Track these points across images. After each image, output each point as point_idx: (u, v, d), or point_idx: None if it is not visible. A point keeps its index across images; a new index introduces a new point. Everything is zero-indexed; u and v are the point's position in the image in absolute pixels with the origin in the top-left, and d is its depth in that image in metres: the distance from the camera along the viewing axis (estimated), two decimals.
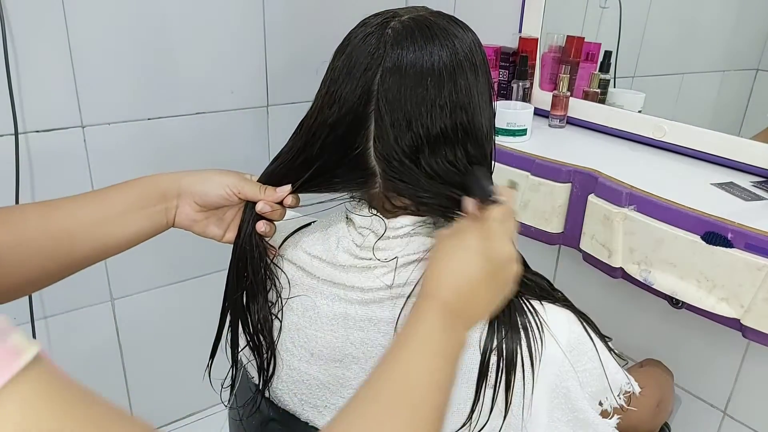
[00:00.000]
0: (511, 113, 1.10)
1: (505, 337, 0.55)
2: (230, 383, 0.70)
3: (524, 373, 0.55)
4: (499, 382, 0.55)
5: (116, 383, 1.42)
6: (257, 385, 0.66)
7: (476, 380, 0.55)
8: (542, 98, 1.26)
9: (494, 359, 0.55)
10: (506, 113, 1.10)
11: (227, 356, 0.68)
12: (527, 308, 0.58)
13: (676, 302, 0.84)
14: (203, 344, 0.68)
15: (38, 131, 1.16)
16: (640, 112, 1.18)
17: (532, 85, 1.28)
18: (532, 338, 0.56)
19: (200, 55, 1.30)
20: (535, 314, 0.57)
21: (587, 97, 1.22)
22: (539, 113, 1.23)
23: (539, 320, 0.57)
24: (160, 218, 0.62)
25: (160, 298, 1.41)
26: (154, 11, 1.21)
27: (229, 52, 1.34)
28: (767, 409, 0.97)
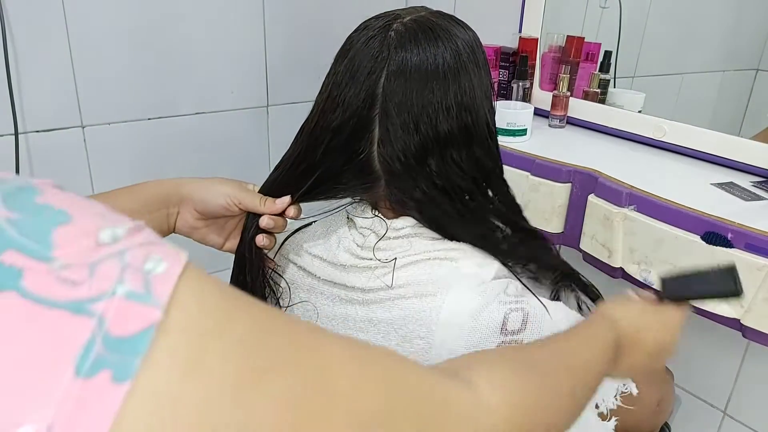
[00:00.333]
0: (511, 113, 1.10)
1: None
2: None
3: None
4: None
5: None
6: None
7: None
8: (542, 98, 1.26)
9: None
10: (506, 113, 1.10)
11: None
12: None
13: None
14: None
15: (38, 131, 1.15)
16: (640, 112, 1.18)
17: (532, 85, 1.28)
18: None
19: (200, 55, 1.30)
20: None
21: (587, 97, 1.22)
22: (539, 113, 1.23)
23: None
24: (161, 223, 0.62)
25: None
26: (154, 11, 1.21)
27: (229, 52, 1.34)
28: (767, 409, 0.97)
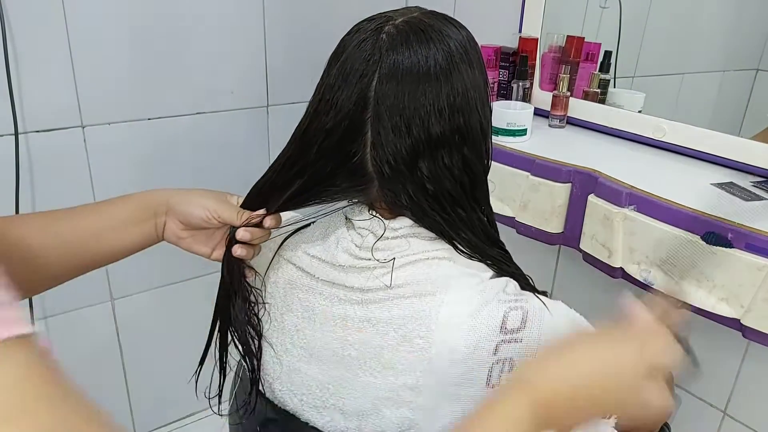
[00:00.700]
0: (511, 113, 1.10)
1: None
2: (218, 391, 0.70)
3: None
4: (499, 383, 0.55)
5: (116, 383, 1.41)
6: (251, 383, 0.66)
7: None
8: (542, 98, 1.26)
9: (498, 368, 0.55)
10: (506, 113, 1.10)
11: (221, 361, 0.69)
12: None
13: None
14: (204, 345, 0.68)
15: (38, 131, 1.15)
16: (640, 112, 1.18)
17: (532, 85, 1.28)
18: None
19: (200, 55, 1.30)
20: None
21: (587, 97, 1.22)
22: (539, 113, 1.23)
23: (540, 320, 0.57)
24: (150, 232, 0.66)
25: (160, 298, 1.41)
26: (154, 11, 1.21)
27: (229, 52, 1.33)
28: (767, 409, 0.97)
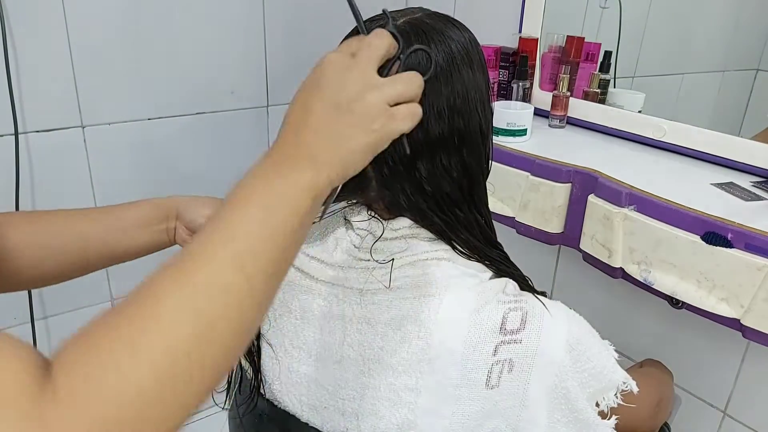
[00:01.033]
0: (511, 113, 1.10)
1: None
2: (227, 384, 0.70)
3: (521, 371, 0.55)
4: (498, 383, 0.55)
5: None
6: (251, 383, 0.66)
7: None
8: (542, 98, 1.26)
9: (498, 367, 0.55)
10: (506, 113, 1.10)
11: None
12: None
13: (676, 302, 0.84)
14: None
15: (38, 131, 1.16)
16: (640, 112, 1.18)
17: (532, 85, 1.27)
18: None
19: (200, 55, 1.30)
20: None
21: (587, 97, 1.21)
22: (539, 113, 1.22)
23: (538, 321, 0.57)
24: (162, 236, 0.68)
25: None
26: (154, 11, 1.21)
27: (229, 52, 1.34)
28: (767, 409, 0.97)
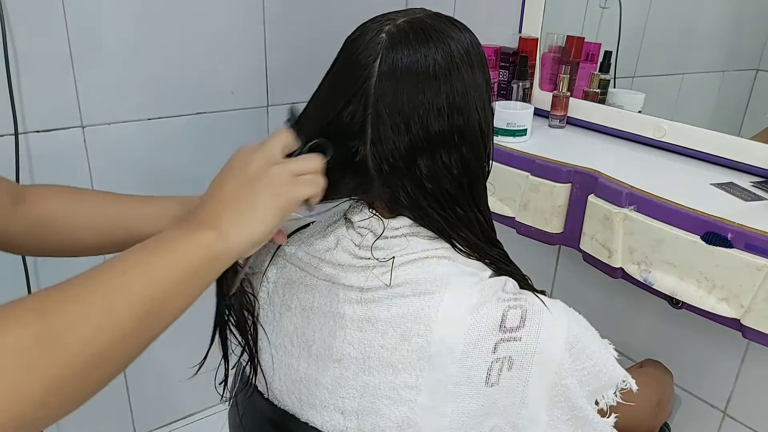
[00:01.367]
0: (511, 113, 1.10)
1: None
2: (224, 379, 0.70)
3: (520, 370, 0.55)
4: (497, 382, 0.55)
5: (116, 383, 1.40)
6: (248, 379, 0.67)
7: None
8: (542, 98, 1.26)
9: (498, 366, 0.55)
10: (506, 113, 1.10)
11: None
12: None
13: (676, 302, 0.84)
14: (204, 344, 0.68)
15: (38, 131, 1.16)
16: (640, 112, 1.18)
17: (532, 85, 1.28)
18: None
19: (200, 55, 1.30)
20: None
21: (587, 97, 1.22)
22: (539, 113, 1.23)
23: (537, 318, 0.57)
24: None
25: None
26: (153, 11, 1.21)
27: (229, 52, 1.34)
28: (767, 409, 0.97)
